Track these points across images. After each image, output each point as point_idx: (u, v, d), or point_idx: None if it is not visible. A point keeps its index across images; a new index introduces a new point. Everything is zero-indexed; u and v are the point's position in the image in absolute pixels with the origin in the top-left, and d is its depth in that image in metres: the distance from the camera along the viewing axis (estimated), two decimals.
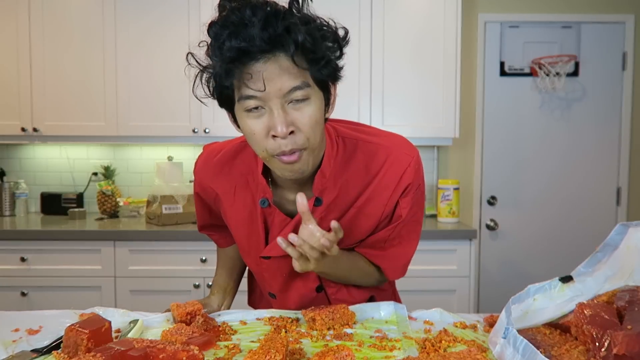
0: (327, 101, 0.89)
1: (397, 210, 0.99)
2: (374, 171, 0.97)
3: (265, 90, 0.79)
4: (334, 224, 0.86)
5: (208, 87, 0.86)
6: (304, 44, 0.79)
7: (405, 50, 2.60)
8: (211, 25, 0.80)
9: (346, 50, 0.88)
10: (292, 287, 1.07)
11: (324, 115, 0.88)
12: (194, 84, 0.86)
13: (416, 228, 1.04)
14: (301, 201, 0.86)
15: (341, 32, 0.86)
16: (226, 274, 1.23)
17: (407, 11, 2.58)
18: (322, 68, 0.83)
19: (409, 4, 2.58)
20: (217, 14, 0.81)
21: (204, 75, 0.85)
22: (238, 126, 0.90)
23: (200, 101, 0.87)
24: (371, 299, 1.13)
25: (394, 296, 1.20)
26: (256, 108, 0.82)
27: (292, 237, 0.85)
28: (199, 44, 0.85)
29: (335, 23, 0.85)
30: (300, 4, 0.82)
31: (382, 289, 1.16)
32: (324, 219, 0.98)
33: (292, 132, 0.82)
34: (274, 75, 0.79)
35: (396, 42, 2.59)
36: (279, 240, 0.86)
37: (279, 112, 0.81)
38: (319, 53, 0.81)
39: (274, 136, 0.83)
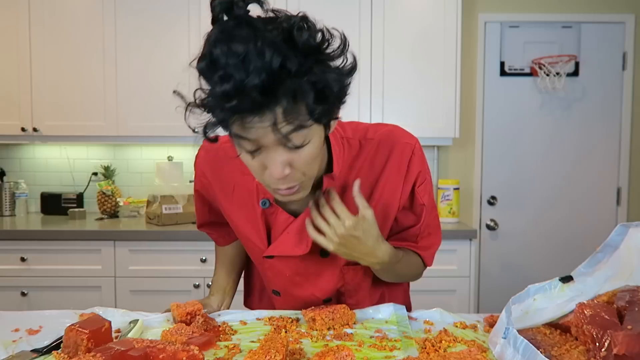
0: (328, 123, 0.83)
1: (416, 200, 1.00)
2: (379, 167, 0.97)
3: (262, 142, 0.75)
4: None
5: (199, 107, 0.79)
6: (305, 99, 0.71)
7: (405, 50, 2.60)
8: (202, 71, 0.73)
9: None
10: (298, 290, 1.06)
11: (322, 146, 0.84)
12: (185, 114, 0.80)
13: (437, 214, 1.08)
14: (357, 184, 0.87)
15: (349, 57, 0.77)
16: (225, 273, 1.23)
17: (407, 11, 2.58)
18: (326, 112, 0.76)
19: (409, 4, 2.58)
20: (207, 48, 0.72)
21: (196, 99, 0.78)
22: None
23: (194, 131, 0.81)
24: (381, 297, 1.13)
25: (405, 295, 1.21)
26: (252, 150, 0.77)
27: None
28: (190, 63, 0.77)
29: (342, 43, 0.76)
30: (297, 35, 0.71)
31: (394, 289, 1.16)
32: None
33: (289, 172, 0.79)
34: (271, 125, 0.72)
35: (396, 42, 2.59)
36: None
37: (274, 157, 0.76)
38: (328, 104, 0.74)
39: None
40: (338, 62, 0.76)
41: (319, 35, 0.73)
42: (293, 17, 0.72)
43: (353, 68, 0.78)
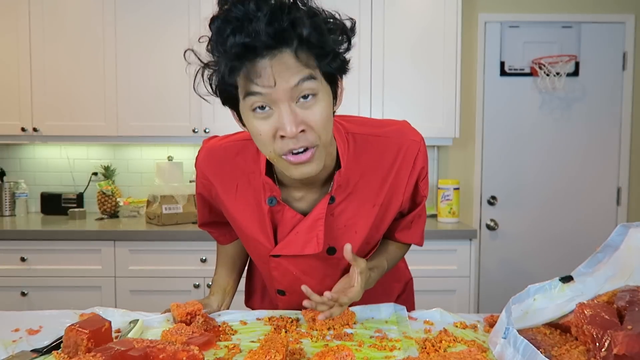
0: (335, 94, 0.87)
1: (418, 193, 1.05)
2: (388, 165, 0.99)
3: (275, 85, 0.76)
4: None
5: (210, 84, 0.83)
6: (310, 38, 0.76)
7: (405, 50, 2.60)
8: (213, 20, 0.77)
9: (353, 41, 0.86)
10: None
11: (332, 111, 0.86)
12: (194, 81, 0.82)
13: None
14: (349, 249, 0.90)
15: (348, 24, 0.84)
16: (226, 273, 1.22)
17: (407, 11, 2.58)
18: (331, 61, 0.81)
19: (409, 4, 2.58)
20: (219, 9, 0.77)
21: (206, 72, 0.82)
22: (243, 124, 0.87)
23: (203, 99, 0.85)
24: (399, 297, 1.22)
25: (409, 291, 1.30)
26: (262, 108, 0.79)
27: (327, 294, 0.89)
28: (199, 39, 0.81)
29: (340, 15, 0.83)
30: None
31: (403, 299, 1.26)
32: (337, 217, 0.98)
33: (302, 131, 0.80)
34: (281, 72, 0.76)
35: (396, 42, 2.59)
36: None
37: (287, 111, 0.78)
38: (327, 47, 0.79)
39: (282, 136, 0.80)
40: (338, 28, 0.82)
41: None
42: None
43: (353, 27, 0.83)
